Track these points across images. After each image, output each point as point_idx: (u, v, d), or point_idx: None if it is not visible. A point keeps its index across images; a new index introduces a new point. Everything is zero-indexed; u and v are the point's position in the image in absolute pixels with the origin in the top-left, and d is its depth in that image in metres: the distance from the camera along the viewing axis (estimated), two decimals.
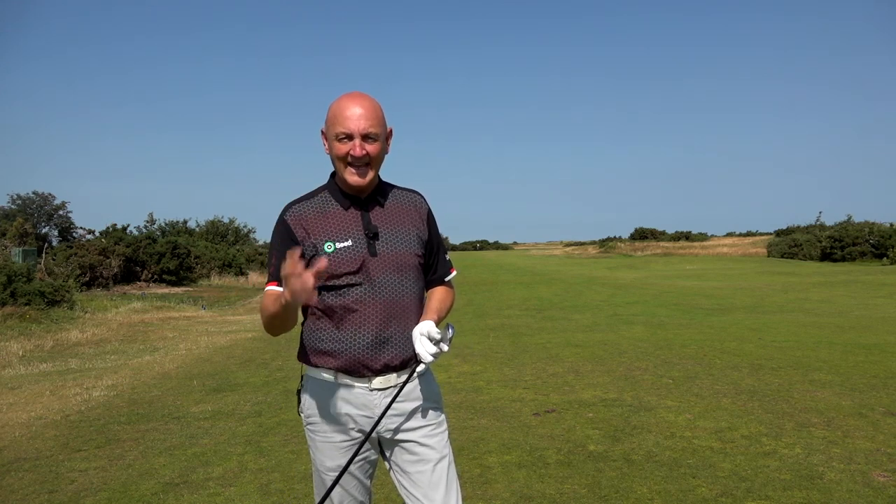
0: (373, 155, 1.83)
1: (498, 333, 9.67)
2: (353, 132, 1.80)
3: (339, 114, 1.81)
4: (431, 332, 1.81)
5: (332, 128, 1.82)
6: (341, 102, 1.83)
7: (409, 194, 2.01)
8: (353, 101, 1.82)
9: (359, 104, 1.81)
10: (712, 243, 57.91)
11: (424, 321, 1.85)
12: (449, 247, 39.57)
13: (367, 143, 1.81)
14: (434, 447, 1.90)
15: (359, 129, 1.80)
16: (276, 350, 8.57)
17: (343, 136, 1.81)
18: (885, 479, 3.48)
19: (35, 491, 3.65)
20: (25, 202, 30.40)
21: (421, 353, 1.80)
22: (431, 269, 2.03)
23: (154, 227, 33.96)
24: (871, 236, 34.90)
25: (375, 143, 1.83)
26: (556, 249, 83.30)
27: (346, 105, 1.81)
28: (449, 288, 2.06)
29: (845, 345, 7.83)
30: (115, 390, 6.33)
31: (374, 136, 1.82)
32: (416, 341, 1.82)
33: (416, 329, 1.84)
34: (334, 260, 1.83)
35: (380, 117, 1.84)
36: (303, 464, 3.94)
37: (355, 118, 1.80)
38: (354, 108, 1.80)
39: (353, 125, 1.79)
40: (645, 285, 20.37)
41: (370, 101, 1.84)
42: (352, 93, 1.86)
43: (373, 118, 1.81)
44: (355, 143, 1.80)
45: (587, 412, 4.96)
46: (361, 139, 1.80)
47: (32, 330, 11.06)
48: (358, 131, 1.80)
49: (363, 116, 1.80)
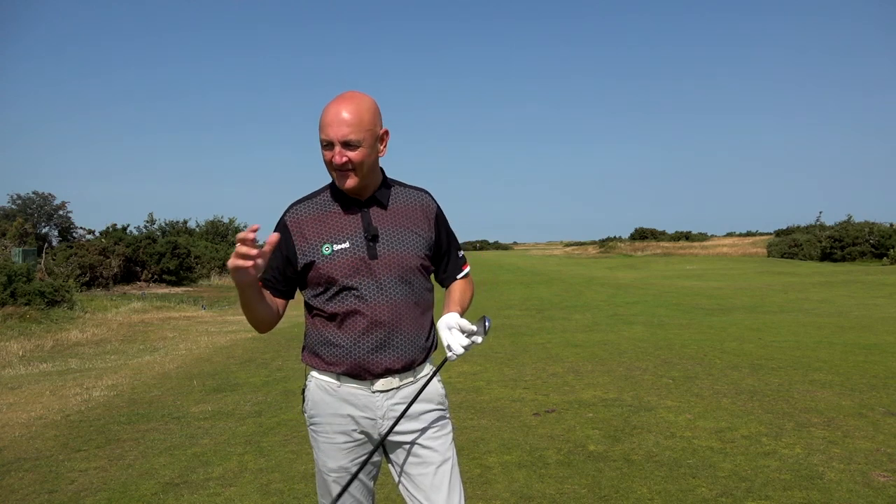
0: (356, 161, 1.78)
1: (498, 333, 9.67)
2: (332, 140, 1.76)
3: (323, 120, 1.78)
4: (463, 324, 1.80)
5: (320, 133, 1.80)
6: (327, 108, 1.79)
7: (415, 193, 1.97)
8: (336, 107, 1.77)
9: (344, 109, 1.77)
10: (712, 243, 57.90)
11: (450, 313, 1.85)
12: None
13: (347, 150, 1.77)
14: (437, 449, 1.89)
15: (337, 136, 1.76)
16: (276, 350, 8.57)
17: (325, 142, 1.78)
18: (885, 479, 3.48)
19: (35, 491, 3.65)
20: (25, 202, 30.34)
21: (452, 346, 1.78)
22: (442, 268, 2.00)
23: (154, 227, 33.92)
24: (871, 236, 34.86)
25: (358, 150, 1.77)
26: (556, 249, 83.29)
27: (329, 111, 1.78)
28: (467, 282, 2.04)
29: (845, 345, 7.83)
30: (115, 390, 6.33)
31: (354, 142, 1.77)
32: (444, 333, 1.81)
33: (441, 321, 1.84)
34: (332, 262, 1.82)
35: (364, 122, 1.77)
36: (303, 464, 3.94)
37: (335, 125, 1.76)
38: (336, 115, 1.76)
39: (332, 132, 1.76)
40: (645, 285, 20.37)
41: (356, 105, 1.78)
42: (340, 96, 1.81)
43: (354, 124, 1.76)
44: (335, 150, 1.77)
45: (587, 412, 4.96)
46: (341, 146, 1.77)
47: (32, 330, 11.05)
48: (337, 139, 1.76)
49: (344, 123, 1.75)
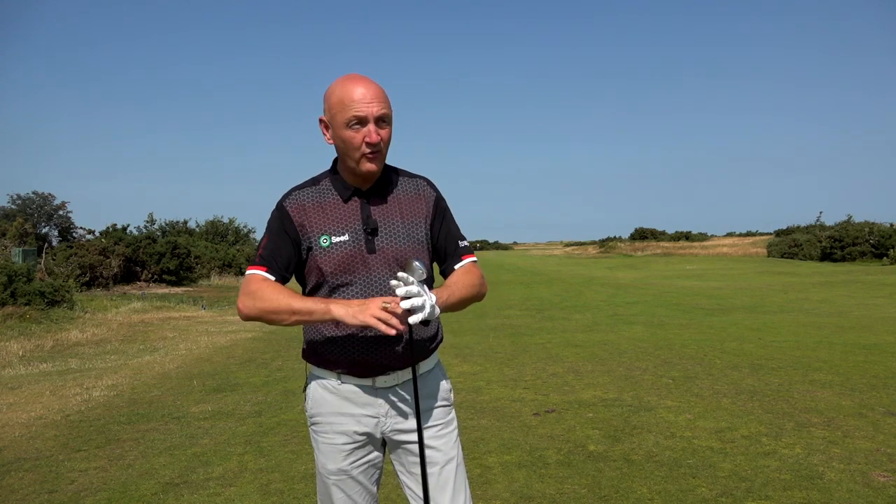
0: (386, 140, 1.71)
1: (498, 333, 9.67)
2: (366, 116, 1.66)
3: (348, 98, 1.66)
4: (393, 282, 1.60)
5: (341, 114, 1.67)
6: (347, 86, 1.68)
7: (414, 181, 1.88)
8: (360, 84, 1.67)
9: (368, 86, 1.67)
10: (712, 243, 57.92)
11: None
12: None
13: (380, 127, 1.69)
14: (441, 449, 1.81)
15: (372, 112, 1.66)
16: (276, 350, 8.57)
17: (355, 121, 1.67)
18: (885, 479, 3.48)
19: (35, 491, 3.65)
20: (25, 202, 30.33)
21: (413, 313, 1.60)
22: (442, 259, 1.90)
23: (154, 227, 33.93)
24: (871, 236, 34.84)
25: (387, 128, 1.72)
26: (556, 249, 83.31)
27: (353, 87, 1.67)
28: (466, 271, 1.86)
29: (845, 345, 7.83)
30: (115, 390, 6.33)
31: (387, 119, 1.70)
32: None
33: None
34: (329, 255, 1.76)
35: (387, 99, 1.73)
36: (303, 464, 3.94)
37: (367, 100, 1.65)
38: (365, 91, 1.66)
39: (366, 109, 1.65)
40: (645, 285, 20.36)
41: (375, 82, 1.71)
42: (353, 75, 1.72)
43: (384, 100, 1.70)
44: (370, 128, 1.67)
45: (587, 412, 4.96)
46: (375, 123, 1.68)
47: (32, 330, 11.05)
48: (372, 115, 1.66)
49: (376, 99, 1.66)
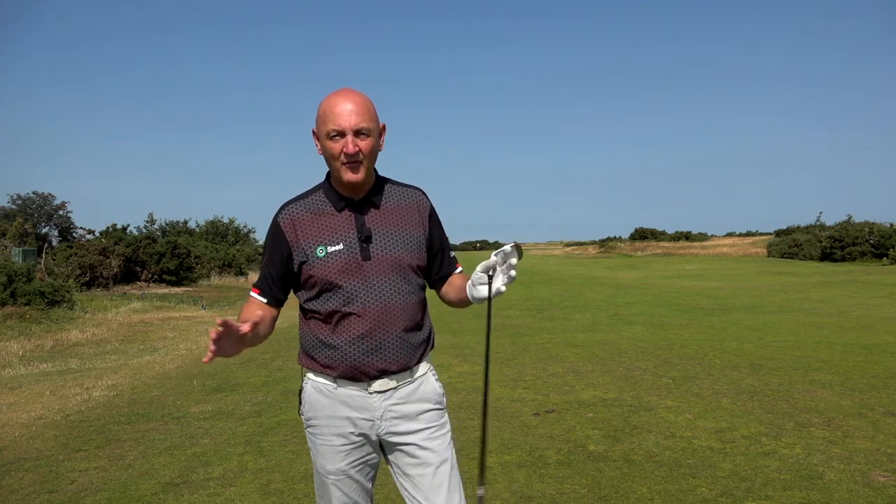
0: (365, 151, 1.79)
1: (498, 333, 9.67)
2: (344, 129, 1.76)
3: (330, 111, 1.78)
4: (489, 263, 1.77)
5: (324, 126, 1.79)
6: (331, 100, 1.79)
7: (409, 192, 1.96)
8: (342, 98, 1.79)
9: (349, 100, 1.78)
10: (712, 243, 57.93)
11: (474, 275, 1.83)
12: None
13: (359, 139, 1.78)
14: (435, 450, 1.87)
15: (350, 125, 1.76)
16: (276, 350, 8.57)
17: (335, 133, 1.77)
18: (885, 479, 3.48)
19: (35, 491, 3.65)
20: (25, 202, 30.37)
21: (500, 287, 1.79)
22: (435, 269, 1.99)
23: (154, 227, 33.99)
24: (871, 236, 34.86)
25: (368, 139, 1.79)
26: (556, 249, 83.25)
27: (335, 102, 1.78)
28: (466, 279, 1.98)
29: (845, 345, 7.83)
30: (115, 390, 6.34)
31: (365, 131, 1.78)
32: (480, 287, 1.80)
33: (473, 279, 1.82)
34: (325, 264, 1.82)
35: (371, 112, 1.81)
36: (303, 464, 3.94)
37: (346, 114, 1.76)
38: (344, 105, 1.77)
39: (343, 122, 1.76)
40: (645, 285, 20.37)
41: (360, 96, 1.81)
42: (341, 89, 1.82)
43: (364, 113, 1.78)
44: (347, 139, 1.76)
45: (587, 412, 4.96)
46: (353, 135, 1.77)
47: (32, 330, 11.06)
48: (349, 127, 1.76)
49: (354, 112, 1.77)
